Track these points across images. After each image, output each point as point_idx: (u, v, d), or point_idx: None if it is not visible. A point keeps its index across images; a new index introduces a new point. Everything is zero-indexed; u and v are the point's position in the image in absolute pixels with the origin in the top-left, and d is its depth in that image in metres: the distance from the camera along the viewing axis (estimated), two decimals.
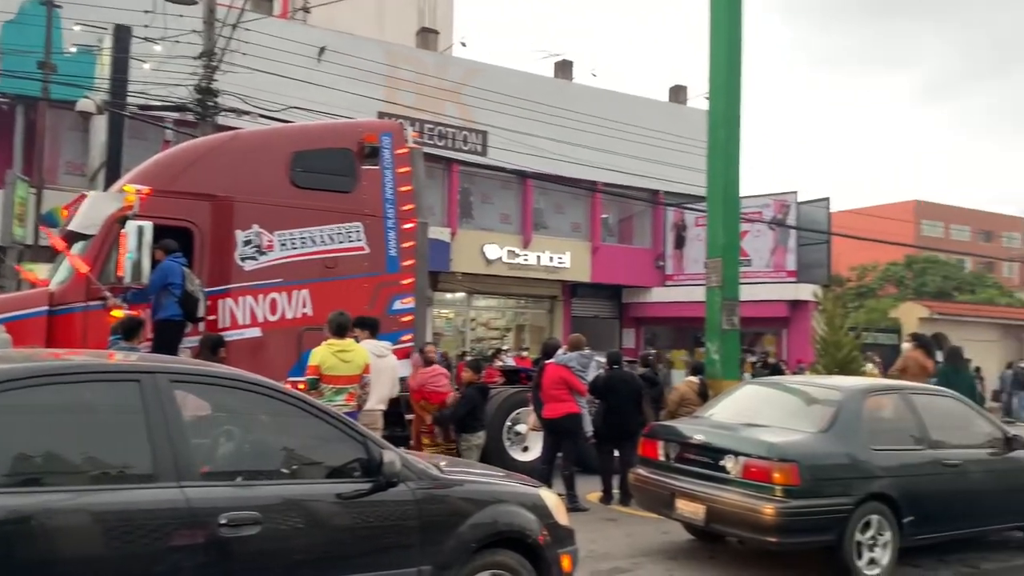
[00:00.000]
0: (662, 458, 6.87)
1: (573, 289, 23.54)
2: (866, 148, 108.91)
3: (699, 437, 6.63)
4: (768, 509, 5.81)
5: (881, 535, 6.18)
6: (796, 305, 22.01)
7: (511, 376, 11.56)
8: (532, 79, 21.59)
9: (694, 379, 9.76)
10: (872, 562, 6.14)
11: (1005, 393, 23.92)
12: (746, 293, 19.89)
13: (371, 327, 7.90)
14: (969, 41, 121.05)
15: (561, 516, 4.76)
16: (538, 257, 21.57)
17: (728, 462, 6.18)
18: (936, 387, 8.44)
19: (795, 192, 22.40)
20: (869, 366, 16.32)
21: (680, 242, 23.86)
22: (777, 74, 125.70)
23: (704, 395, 9.51)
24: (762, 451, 6.04)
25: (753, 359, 21.18)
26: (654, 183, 22.01)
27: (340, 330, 7.05)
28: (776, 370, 17.69)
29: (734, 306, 10.09)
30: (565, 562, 4.63)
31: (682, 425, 7.26)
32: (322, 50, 17.53)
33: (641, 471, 7.16)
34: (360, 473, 3.97)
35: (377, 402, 7.68)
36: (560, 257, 21.93)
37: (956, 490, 6.69)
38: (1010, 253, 55.08)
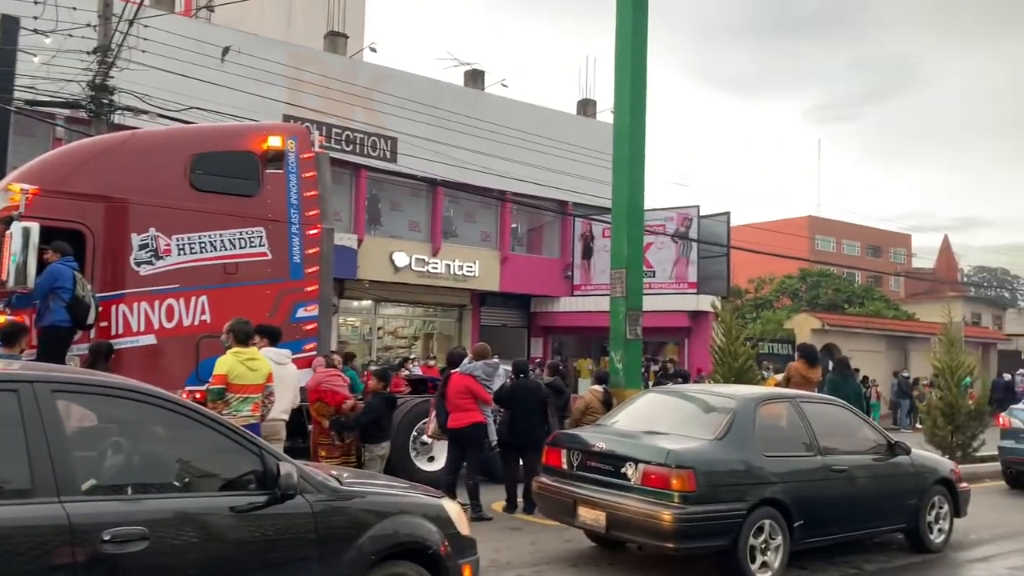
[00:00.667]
0: (565, 466, 6.92)
1: (482, 298, 23.60)
2: (765, 165, 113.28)
3: (601, 445, 6.67)
4: (666, 515, 5.92)
5: (773, 539, 6.34)
6: (697, 316, 22.64)
7: (418, 385, 11.49)
8: (443, 87, 21.60)
9: (598, 388, 9.91)
10: (764, 565, 6.30)
11: (892, 401, 25.24)
12: (650, 303, 20.29)
13: (272, 335, 7.73)
14: (860, 64, 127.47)
15: (463, 526, 4.75)
16: (447, 265, 21.54)
17: (629, 469, 6.27)
18: (824, 396, 8.87)
19: (697, 206, 23.09)
20: (772, 376, 16.94)
21: (588, 252, 24.24)
22: (683, 93, 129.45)
23: (608, 403, 9.66)
24: (660, 458, 6.13)
25: (656, 368, 21.72)
26: (563, 194, 22.29)
27: (246, 338, 6.89)
28: (682, 377, 18.16)
29: (638, 316, 10.31)
30: (466, 572, 4.63)
31: (584, 433, 7.32)
32: (226, 50, 17.05)
33: (544, 479, 7.19)
34: (255, 486, 3.89)
35: (280, 412, 7.52)
36: (469, 266, 21.97)
37: (843, 495, 6.94)
38: (896, 268, 58.15)
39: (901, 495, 7.50)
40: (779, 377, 17.03)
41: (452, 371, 9.13)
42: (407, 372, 15.20)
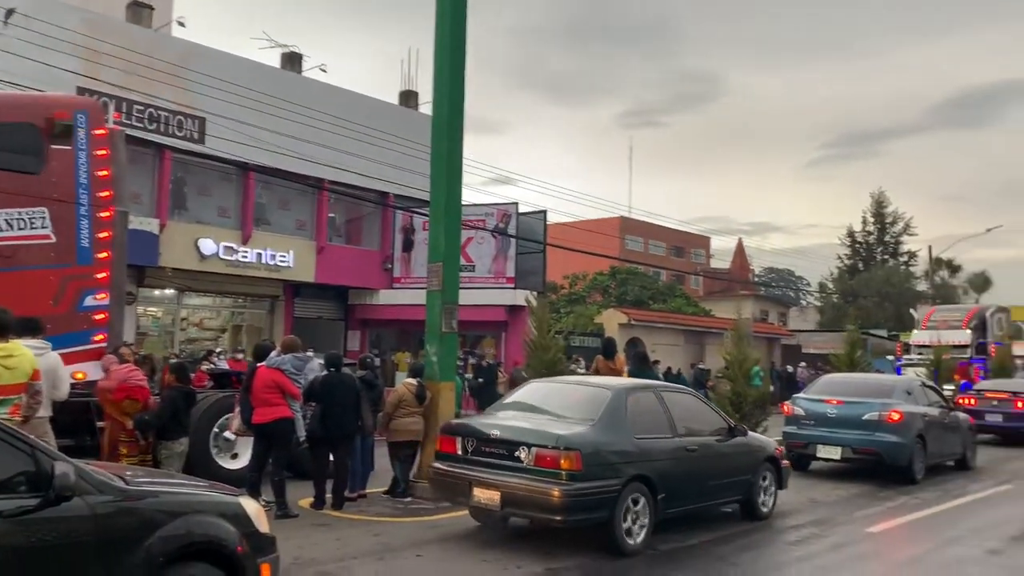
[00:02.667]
0: (460, 452, 7.50)
1: (296, 289, 22.89)
2: (580, 167, 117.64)
3: (496, 432, 7.30)
4: (556, 492, 6.70)
5: (641, 509, 7.24)
6: (514, 310, 23.13)
7: (221, 380, 10.97)
8: (258, 68, 20.69)
9: (412, 381, 9.88)
10: (633, 533, 7.18)
11: None
12: (469, 298, 20.50)
13: (30, 327, 6.85)
14: (671, 72, 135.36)
15: (262, 524, 4.60)
16: (259, 254, 20.70)
17: (522, 453, 6.99)
18: (679, 386, 10.30)
19: (516, 203, 23.59)
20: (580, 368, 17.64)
21: (408, 245, 24.14)
22: (504, 91, 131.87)
23: (421, 397, 9.67)
24: (551, 442, 6.89)
25: (473, 361, 22.02)
26: (384, 185, 22.04)
27: (3, 331, 6.12)
28: (493, 370, 18.49)
29: (453, 309, 10.38)
30: (265, 571, 4.51)
31: (478, 422, 7.94)
32: (10, 12, 15.46)
33: (439, 465, 7.67)
34: (26, 488, 3.60)
35: (42, 409, 6.81)
36: (283, 255, 21.23)
37: (696, 471, 7.99)
38: (696, 267, 62.27)
39: (740, 470, 8.63)
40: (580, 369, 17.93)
41: (259, 364, 8.79)
42: (211, 365, 14.48)
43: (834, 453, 12.05)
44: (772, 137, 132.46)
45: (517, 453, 7.02)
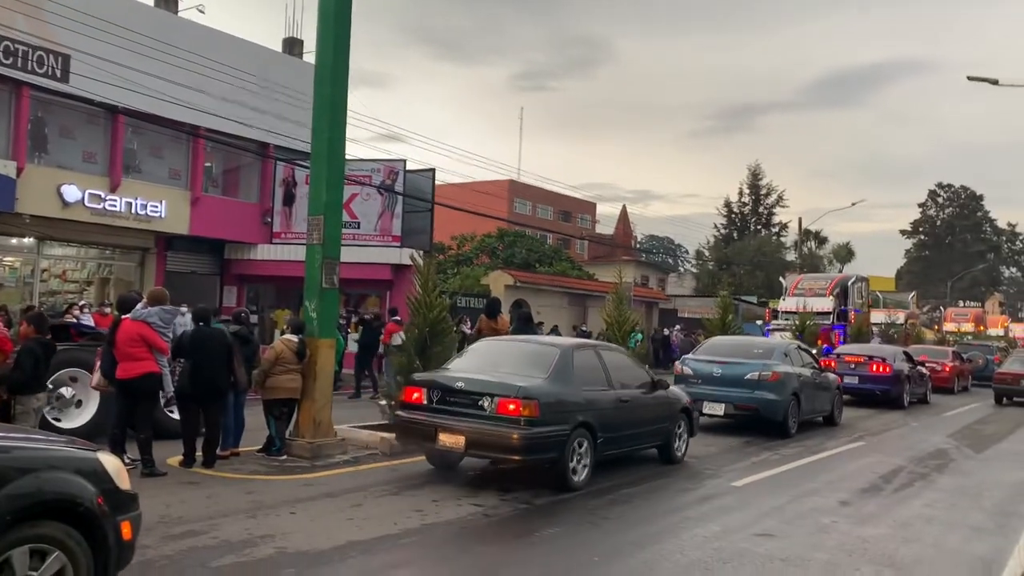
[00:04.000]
0: (426, 401, 8.27)
1: (168, 241, 21.77)
2: (472, 128, 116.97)
3: (461, 384, 8.14)
4: (515, 435, 7.60)
5: (585, 452, 8.27)
6: (400, 269, 22.82)
7: (59, 333, 10.17)
8: (128, 4, 19.31)
9: (292, 338, 9.60)
10: (578, 471, 8.21)
11: None
12: (355, 255, 20.10)
13: None
14: (559, 36, 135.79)
15: (122, 481, 4.38)
16: (128, 204, 19.52)
17: (485, 402, 7.84)
18: (614, 345, 11.37)
19: (404, 160, 23.17)
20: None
21: (289, 199, 23.33)
22: (393, 46, 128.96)
23: (301, 354, 9.43)
24: (513, 392, 7.76)
25: (356, 319, 21.69)
26: (264, 136, 21.19)
27: None
28: (376, 327, 18.20)
29: (334, 265, 10.12)
30: (125, 529, 4.29)
31: (442, 375, 8.67)
32: None
33: (404, 413, 8.46)
34: None
35: None
36: (154, 205, 20.09)
37: (628, 419, 9.11)
38: (582, 232, 63.29)
39: (661, 419, 9.78)
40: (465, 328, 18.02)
41: (123, 317, 8.33)
42: (74, 319, 13.67)
43: (718, 409, 13.00)
44: (656, 107, 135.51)
45: (481, 402, 7.86)
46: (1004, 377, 22.19)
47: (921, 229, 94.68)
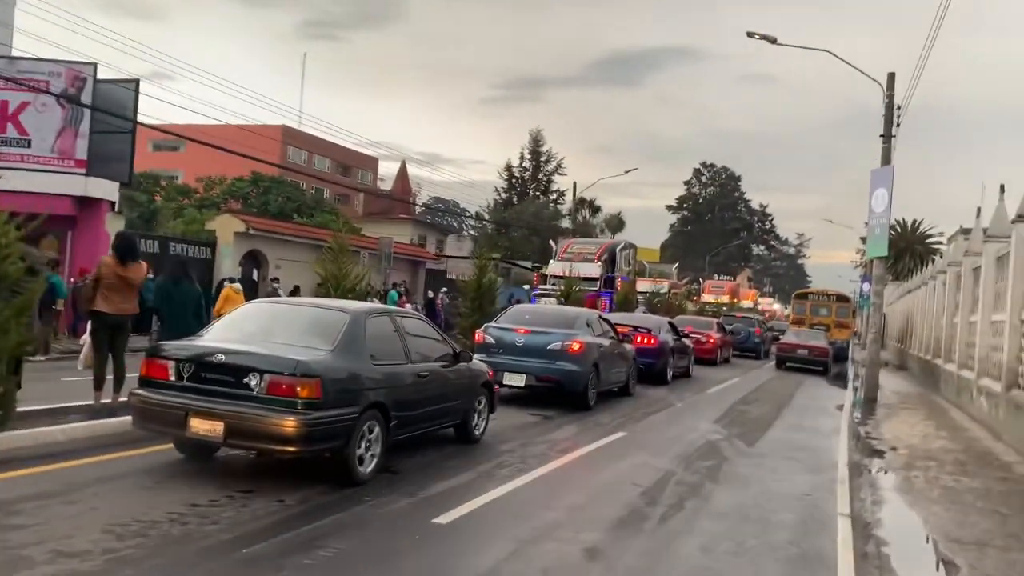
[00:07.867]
0: (174, 378, 6.67)
1: None
2: (249, 71, 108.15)
3: (221, 357, 6.56)
4: (291, 422, 6.19)
5: (375, 438, 7.00)
6: (87, 203, 18.39)
7: None
8: None
9: None
10: (366, 461, 6.91)
11: None
12: (22, 181, 15.79)
13: None
14: None
15: None
16: None
17: (252, 379, 6.34)
18: (411, 312, 10.41)
19: (95, 64, 18.46)
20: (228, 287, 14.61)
21: None
22: None
23: None
24: (289, 368, 6.33)
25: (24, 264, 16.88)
26: None
27: None
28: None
29: None
30: None
31: (195, 345, 6.97)
32: None
33: (143, 392, 6.80)
34: None
35: None
36: None
37: (426, 397, 7.91)
38: (357, 186, 59.57)
39: (461, 395, 8.71)
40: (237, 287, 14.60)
41: None
42: None
43: (519, 380, 12.26)
44: (448, 71, 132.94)
45: (246, 380, 6.37)
46: (784, 347, 27.22)
47: (685, 205, 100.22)
